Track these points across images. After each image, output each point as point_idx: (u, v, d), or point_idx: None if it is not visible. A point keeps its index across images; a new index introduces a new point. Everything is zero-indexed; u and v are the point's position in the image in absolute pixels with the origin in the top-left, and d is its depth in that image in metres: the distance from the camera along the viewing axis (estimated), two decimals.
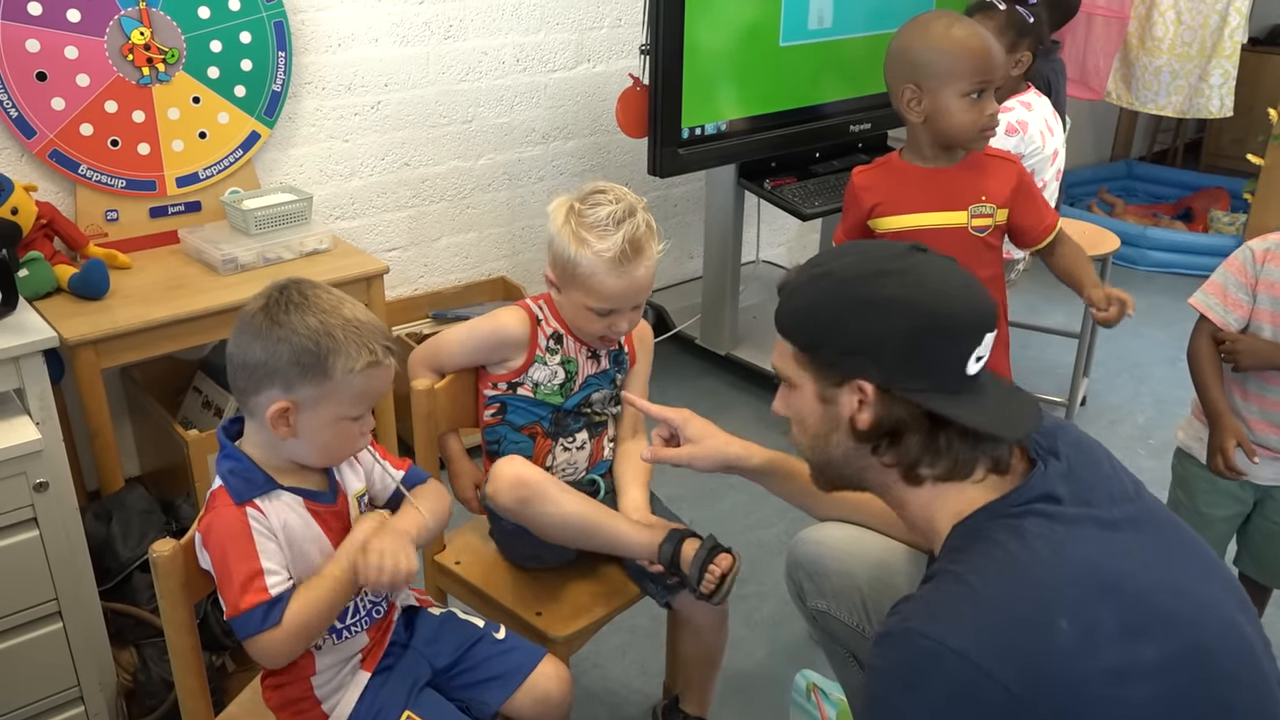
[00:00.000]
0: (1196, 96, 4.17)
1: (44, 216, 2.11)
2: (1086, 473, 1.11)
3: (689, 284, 3.58)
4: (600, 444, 1.74)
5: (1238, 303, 1.83)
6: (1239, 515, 1.94)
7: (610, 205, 1.57)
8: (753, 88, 2.87)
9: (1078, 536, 1.04)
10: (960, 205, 1.90)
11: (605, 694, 2.08)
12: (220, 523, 1.25)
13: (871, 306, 1.08)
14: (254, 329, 1.25)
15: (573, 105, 3.11)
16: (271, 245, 2.29)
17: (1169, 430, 3.03)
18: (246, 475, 1.28)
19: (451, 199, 2.94)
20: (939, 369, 1.07)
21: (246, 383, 1.26)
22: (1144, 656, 0.97)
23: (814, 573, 1.54)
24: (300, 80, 2.53)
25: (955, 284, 1.10)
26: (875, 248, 1.17)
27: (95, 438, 2.04)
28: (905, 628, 1.00)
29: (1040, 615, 0.97)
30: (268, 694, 1.41)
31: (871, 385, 1.08)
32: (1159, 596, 1.01)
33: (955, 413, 1.06)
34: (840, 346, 1.10)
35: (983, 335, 1.08)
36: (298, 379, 1.24)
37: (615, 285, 1.57)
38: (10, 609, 1.59)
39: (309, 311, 1.24)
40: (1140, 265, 4.30)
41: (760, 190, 3.01)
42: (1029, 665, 0.95)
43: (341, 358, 1.24)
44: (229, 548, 1.24)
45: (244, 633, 1.24)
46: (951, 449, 1.08)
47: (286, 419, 1.25)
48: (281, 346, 1.23)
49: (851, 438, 1.11)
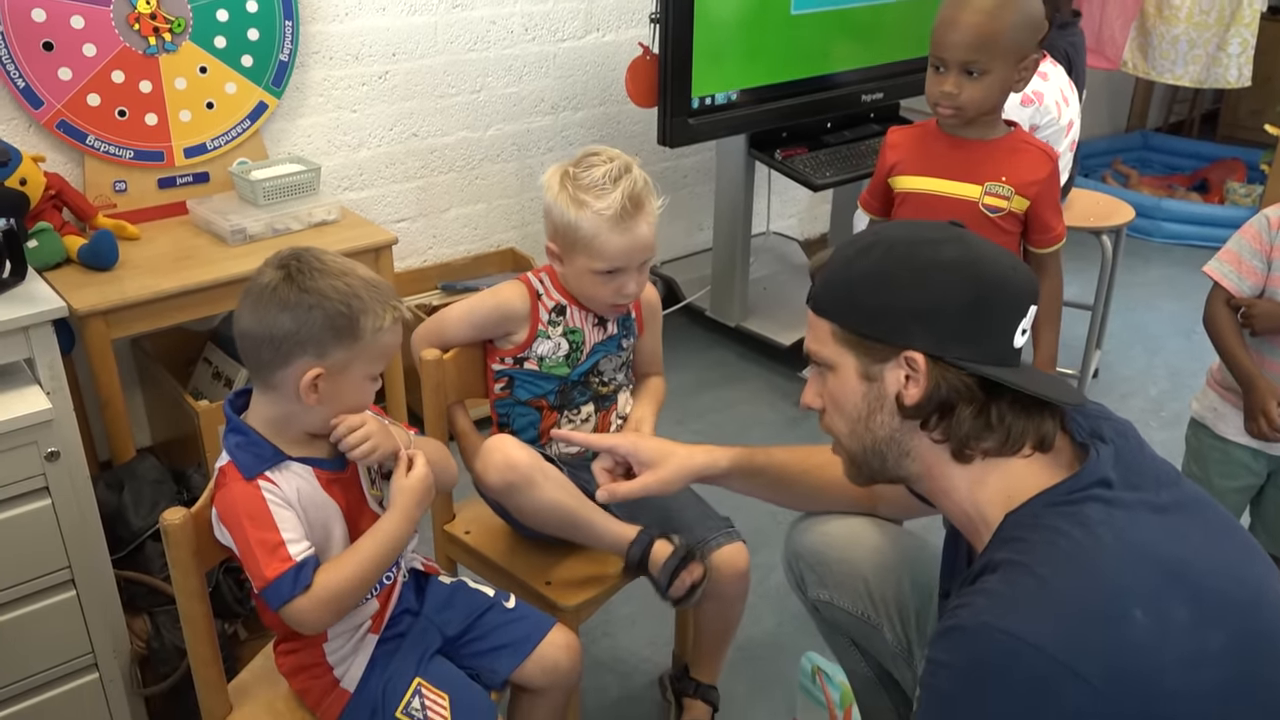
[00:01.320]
0: (1214, 66, 4.12)
1: (52, 187, 2.11)
2: (1132, 456, 1.08)
3: (699, 255, 3.57)
4: (607, 419, 1.74)
5: (1252, 270, 1.81)
6: (1252, 487, 1.93)
7: (605, 165, 1.56)
8: (764, 57, 2.85)
9: (1137, 522, 1.01)
10: (976, 179, 1.88)
11: (615, 663, 2.09)
12: (234, 499, 1.25)
13: (931, 270, 1.05)
14: (279, 300, 1.23)
15: (582, 75, 3.09)
16: (280, 216, 2.28)
17: (1182, 403, 3.02)
18: (255, 449, 1.28)
19: (460, 170, 2.93)
20: (992, 338, 1.05)
21: (273, 355, 1.25)
22: (1211, 642, 0.94)
23: (815, 563, 1.51)
24: (308, 50, 2.52)
25: (1002, 253, 1.07)
26: (918, 225, 1.14)
27: (106, 408, 2.05)
28: (980, 623, 0.95)
29: (1114, 607, 0.94)
30: (280, 660, 1.42)
31: (922, 355, 1.04)
32: (1217, 581, 0.99)
33: (1011, 379, 1.03)
34: (893, 314, 1.06)
35: (1029, 306, 1.06)
36: (332, 343, 1.24)
37: (619, 243, 1.55)
38: (24, 577, 1.60)
39: (333, 275, 1.25)
40: (1155, 237, 4.27)
41: (771, 161, 2.99)
42: (1107, 658, 0.92)
43: (370, 317, 1.25)
44: (247, 523, 1.24)
45: (277, 602, 1.24)
46: (1004, 421, 1.05)
47: (317, 386, 1.25)
48: (314, 313, 1.23)
49: (898, 415, 1.08)
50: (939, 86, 1.82)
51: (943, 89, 1.81)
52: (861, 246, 1.10)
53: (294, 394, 1.25)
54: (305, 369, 1.24)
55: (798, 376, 3.04)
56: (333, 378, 1.26)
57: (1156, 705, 0.93)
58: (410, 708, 1.37)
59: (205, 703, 1.39)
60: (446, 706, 1.38)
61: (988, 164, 1.88)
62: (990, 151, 1.88)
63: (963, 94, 1.80)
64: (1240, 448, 1.89)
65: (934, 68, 1.83)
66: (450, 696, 1.39)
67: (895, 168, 1.95)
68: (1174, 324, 3.55)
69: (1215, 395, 1.92)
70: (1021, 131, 1.93)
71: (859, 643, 1.54)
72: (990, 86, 1.80)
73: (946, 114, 1.85)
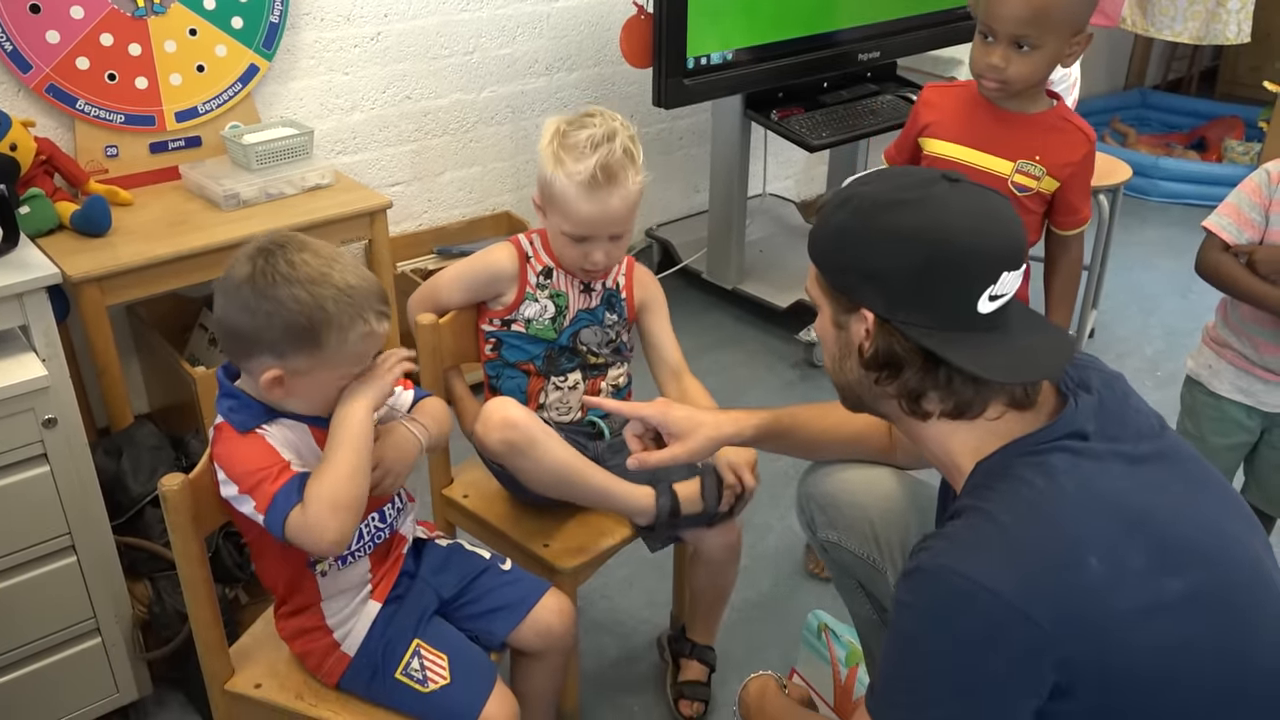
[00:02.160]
0: (1213, 22, 4.08)
1: (43, 153, 2.09)
2: (1115, 406, 1.10)
3: (695, 218, 3.55)
4: (596, 387, 1.74)
5: (1250, 222, 1.81)
6: (1246, 444, 1.94)
7: (592, 129, 1.55)
8: (760, 15, 2.81)
9: (1105, 472, 1.03)
10: (1009, 155, 1.83)
11: (613, 624, 2.11)
12: (232, 447, 1.26)
13: (882, 237, 1.06)
14: (240, 301, 1.22)
15: (576, 35, 3.05)
16: (273, 180, 2.27)
17: (1177, 362, 3.02)
18: (247, 410, 1.28)
19: (454, 133, 2.91)
20: (944, 305, 1.05)
21: (236, 349, 1.26)
22: (1169, 589, 0.97)
23: (825, 505, 1.55)
24: (298, 11, 2.49)
25: (977, 218, 1.05)
26: (904, 175, 1.15)
27: (103, 375, 2.05)
28: (938, 564, 1.00)
29: (1071, 553, 0.97)
30: (281, 624, 1.43)
31: (873, 315, 1.07)
32: (1185, 530, 1.02)
33: (947, 352, 1.04)
34: (851, 273, 1.09)
35: (999, 272, 1.04)
36: (290, 350, 1.22)
37: (586, 210, 1.55)
38: (24, 543, 1.61)
39: (297, 284, 1.20)
40: (1152, 196, 4.25)
41: (767, 121, 2.97)
42: (1061, 603, 0.95)
43: (334, 330, 1.22)
44: (249, 462, 1.24)
45: (279, 518, 1.21)
46: (951, 385, 1.06)
47: (281, 383, 1.25)
48: (273, 320, 1.20)
49: (859, 365, 1.11)
50: (986, 58, 1.75)
51: (990, 60, 1.74)
52: (841, 199, 1.11)
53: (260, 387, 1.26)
54: (265, 368, 1.24)
55: (795, 338, 3.04)
56: (299, 379, 1.25)
57: (1111, 653, 0.96)
58: (409, 669, 1.38)
59: (207, 666, 1.40)
60: (445, 666, 1.39)
61: (1024, 140, 1.82)
62: (1029, 127, 1.83)
63: (1010, 68, 1.73)
64: (1234, 404, 1.90)
65: (982, 35, 1.76)
66: (449, 656, 1.40)
67: (928, 128, 1.90)
68: (1171, 283, 3.55)
69: (1210, 353, 1.93)
70: (1064, 107, 1.87)
71: (865, 585, 1.57)
72: (1039, 62, 1.73)
73: (991, 87, 1.78)
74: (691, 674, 1.89)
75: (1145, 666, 0.97)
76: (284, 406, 1.30)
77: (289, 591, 1.40)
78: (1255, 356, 1.85)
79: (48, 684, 1.70)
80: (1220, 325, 1.92)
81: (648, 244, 3.47)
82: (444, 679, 1.38)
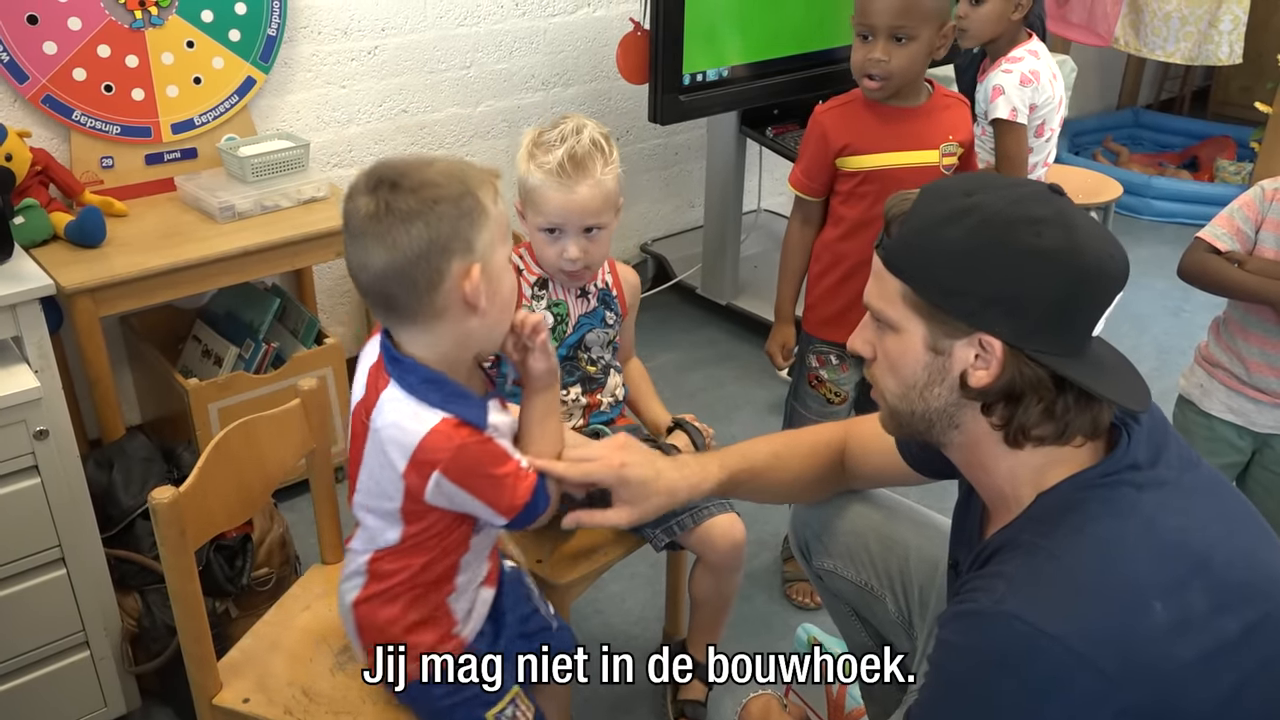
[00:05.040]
0: (1205, 43, 4.11)
1: (39, 163, 2.09)
2: (1160, 435, 1.06)
3: (690, 233, 3.56)
4: (595, 400, 1.74)
5: (1241, 234, 1.84)
6: (1237, 465, 1.95)
7: (562, 126, 1.61)
8: (756, 32, 2.83)
9: (1164, 508, 1.00)
10: (932, 144, 1.93)
11: (606, 640, 2.10)
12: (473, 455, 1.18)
13: (1027, 257, 0.96)
14: (402, 214, 1.09)
15: (573, 51, 3.07)
16: (269, 193, 2.27)
17: (1169, 381, 3.01)
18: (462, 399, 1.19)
19: (450, 146, 2.91)
20: (1075, 331, 0.98)
21: (426, 275, 1.11)
22: (1228, 630, 0.95)
23: (821, 533, 1.53)
24: (296, 24, 2.49)
25: (1102, 237, 0.99)
26: (1020, 188, 1.01)
27: (95, 386, 2.04)
28: (1000, 610, 0.94)
29: (1136, 598, 0.93)
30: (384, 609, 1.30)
31: (999, 342, 0.98)
32: (1239, 567, 0.99)
33: (1086, 380, 0.97)
34: (976, 296, 0.98)
35: (1117, 294, 1.00)
36: (471, 232, 1.12)
37: (556, 199, 1.58)
38: (13, 555, 1.60)
39: (426, 167, 1.13)
40: (1144, 215, 4.27)
41: (762, 138, 2.98)
42: (1125, 651, 0.91)
43: (486, 188, 1.16)
44: (488, 469, 1.19)
45: (527, 523, 1.24)
46: (1067, 414, 1.00)
47: (481, 285, 1.14)
48: (439, 209, 1.10)
49: (958, 393, 1.02)
50: (868, 54, 1.85)
51: (871, 55, 1.84)
52: (954, 210, 0.99)
53: (461, 310, 1.13)
54: (464, 272, 1.12)
55: None
56: (487, 272, 1.14)
57: (1170, 697, 0.93)
58: (502, 715, 1.35)
59: (195, 680, 1.39)
60: (531, 718, 1.38)
61: (934, 126, 1.93)
62: (931, 113, 1.94)
63: (893, 60, 1.84)
64: (1225, 424, 1.91)
65: (861, 37, 1.87)
66: (534, 710, 1.39)
67: (846, 149, 1.94)
68: (1163, 302, 3.56)
69: (1202, 372, 1.94)
70: (940, 87, 1.99)
71: (859, 611, 1.55)
72: (917, 52, 1.85)
73: (873, 86, 1.88)
74: (692, 693, 1.87)
75: (1208, 708, 0.94)
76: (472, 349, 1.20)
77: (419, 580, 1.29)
78: (1246, 376, 1.86)
79: (35, 697, 1.69)
80: (1212, 344, 1.92)
81: (642, 259, 3.48)
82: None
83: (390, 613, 1.30)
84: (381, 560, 1.29)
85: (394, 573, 1.28)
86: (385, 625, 1.30)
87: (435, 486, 1.18)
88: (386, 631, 1.30)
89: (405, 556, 1.27)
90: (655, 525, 1.68)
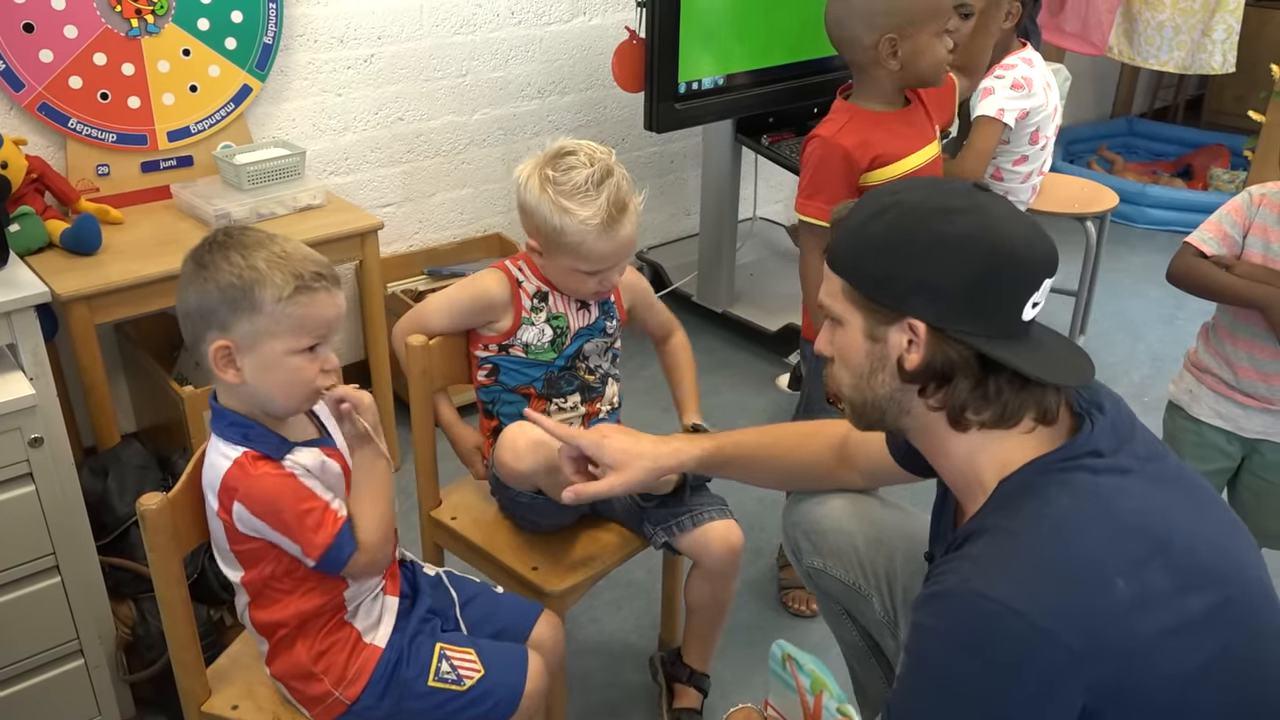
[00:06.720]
0: (1199, 52, 4.13)
1: (34, 171, 2.09)
2: (1126, 427, 1.10)
3: (686, 241, 3.56)
4: (594, 408, 1.74)
5: (1229, 239, 1.86)
6: (1226, 470, 1.95)
7: (585, 168, 1.54)
8: (751, 41, 2.84)
9: (1125, 492, 1.03)
10: (931, 137, 1.95)
11: (600, 648, 2.10)
12: (268, 485, 1.24)
13: (939, 244, 1.03)
14: (185, 278, 1.25)
15: (568, 59, 3.07)
16: (265, 201, 2.27)
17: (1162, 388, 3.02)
18: (263, 439, 1.27)
19: (446, 154, 2.92)
20: (997, 312, 1.04)
21: (191, 334, 1.26)
22: (1192, 609, 0.97)
23: (810, 532, 1.54)
24: (292, 33, 2.50)
25: (1022, 225, 1.06)
26: (940, 185, 1.11)
27: (90, 394, 2.04)
28: (966, 589, 0.98)
29: (1097, 574, 0.96)
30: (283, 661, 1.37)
31: (924, 324, 1.04)
32: (1202, 550, 1.02)
33: (1009, 358, 1.03)
34: (899, 283, 1.05)
35: (1042, 280, 1.05)
36: (229, 316, 1.22)
37: (605, 248, 1.56)
38: (8, 563, 1.59)
39: (233, 249, 1.23)
40: (1139, 223, 4.28)
41: (758, 146, 2.99)
42: (1089, 625, 0.94)
43: (268, 288, 1.21)
44: (287, 502, 1.24)
45: (336, 566, 1.27)
46: (1000, 395, 1.05)
47: (231, 359, 1.23)
48: (208, 286, 1.22)
49: (898, 378, 1.08)
50: (948, 46, 1.83)
51: (949, 46, 1.83)
52: (877, 208, 1.08)
53: (213, 370, 1.25)
54: (212, 341, 1.24)
55: (784, 362, 3.04)
56: (247, 354, 1.23)
57: (1138, 674, 0.95)
58: (441, 673, 1.38)
59: (184, 686, 1.39)
60: (475, 658, 1.40)
61: (925, 119, 1.95)
62: (920, 107, 1.95)
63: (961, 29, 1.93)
64: (1214, 429, 1.91)
65: (944, 33, 1.81)
66: (475, 649, 1.41)
67: (876, 160, 1.84)
68: (1157, 310, 3.57)
69: (1191, 378, 1.94)
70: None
71: (850, 611, 1.56)
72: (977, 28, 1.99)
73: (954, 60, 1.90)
74: (687, 701, 1.87)
75: (1171, 688, 0.96)
76: (260, 406, 1.27)
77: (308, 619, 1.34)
78: (1234, 381, 1.86)
79: (29, 706, 1.68)
80: (1201, 350, 1.93)
81: (639, 266, 3.48)
82: (479, 670, 1.38)
83: (297, 653, 1.36)
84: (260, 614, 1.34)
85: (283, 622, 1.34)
86: (296, 664, 1.36)
87: (238, 518, 1.26)
88: (303, 667, 1.36)
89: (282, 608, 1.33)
90: (654, 523, 1.69)
